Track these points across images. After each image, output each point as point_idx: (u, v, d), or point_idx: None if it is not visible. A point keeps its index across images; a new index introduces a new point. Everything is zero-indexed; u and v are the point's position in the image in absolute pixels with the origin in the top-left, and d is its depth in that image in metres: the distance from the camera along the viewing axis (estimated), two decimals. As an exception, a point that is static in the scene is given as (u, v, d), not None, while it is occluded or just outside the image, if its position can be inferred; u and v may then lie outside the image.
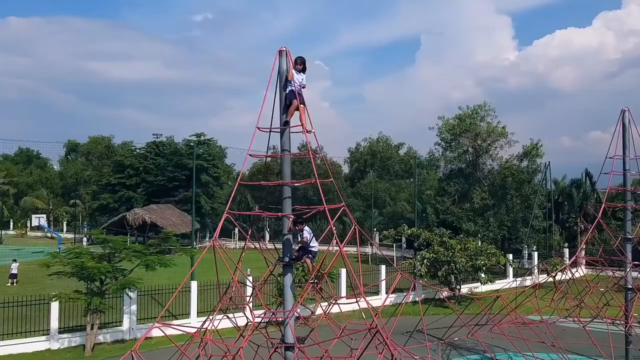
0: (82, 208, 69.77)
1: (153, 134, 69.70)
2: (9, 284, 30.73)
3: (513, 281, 30.86)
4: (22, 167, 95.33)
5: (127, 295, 19.82)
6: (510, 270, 32.57)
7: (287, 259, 9.39)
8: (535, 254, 36.58)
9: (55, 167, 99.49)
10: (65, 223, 72.24)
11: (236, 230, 61.77)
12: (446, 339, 14.41)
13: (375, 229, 56.03)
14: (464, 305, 23.75)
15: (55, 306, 19.70)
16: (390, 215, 58.26)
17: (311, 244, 9.75)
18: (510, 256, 32.96)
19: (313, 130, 9.45)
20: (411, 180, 68.93)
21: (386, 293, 26.71)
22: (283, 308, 9.24)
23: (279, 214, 9.40)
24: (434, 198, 41.83)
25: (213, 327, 9.19)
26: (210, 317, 9.22)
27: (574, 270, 21.74)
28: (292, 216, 9.34)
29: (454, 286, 27.21)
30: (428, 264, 26.22)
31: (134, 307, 21.28)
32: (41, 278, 27.89)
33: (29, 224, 70.27)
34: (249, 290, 15.58)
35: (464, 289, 28.07)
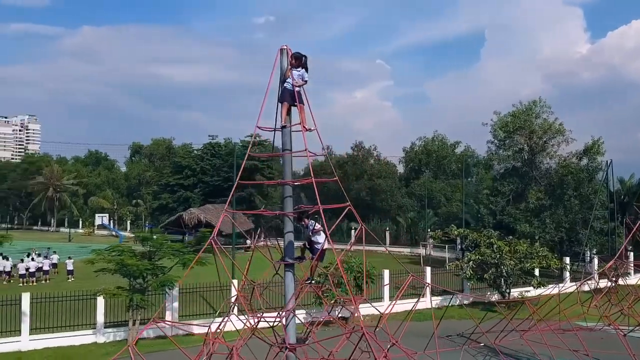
0: (143, 208, 72.41)
1: (209, 135, 71.45)
2: (68, 280, 32.31)
3: (571, 285, 29.36)
4: (91, 168, 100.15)
5: (167, 292, 20.31)
6: (567, 274, 31.00)
7: (288, 259, 9.23)
8: (596, 258, 34.65)
9: (121, 168, 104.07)
10: (129, 222, 75.31)
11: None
12: (470, 345, 13.83)
13: (429, 230, 54.96)
14: (514, 310, 22.77)
15: (101, 301, 20.47)
16: (446, 216, 56.97)
17: (318, 240, 9.54)
18: (568, 259, 31.39)
19: (313, 129, 9.28)
20: (468, 179, 67.23)
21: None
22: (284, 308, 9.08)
23: (277, 212, 9.25)
24: (487, 198, 40.46)
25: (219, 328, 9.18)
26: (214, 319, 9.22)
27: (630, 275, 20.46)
28: (292, 215, 9.17)
29: (503, 289, 26.22)
30: (474, 266, 25.34)
31: (175, 304, 21.80)
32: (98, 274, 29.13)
33: (95, 223, 73.70)
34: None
35: (515, 292, 26.98)
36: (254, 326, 9.38)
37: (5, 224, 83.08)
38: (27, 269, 31.20)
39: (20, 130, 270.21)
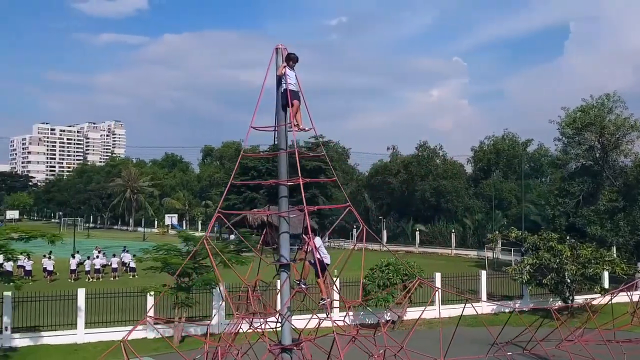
0: (213, 208, 74.68)
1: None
2: (131, 276, 33.80)
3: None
4: (167, 170, 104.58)
5: (210, 291, 20.71)
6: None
7: (283, 260, 9.04)
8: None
9: (195, 170, 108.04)
10: (200, 222, 77.92)
11: (354, 230, 62.14)
12: (498, 353, 13.01)
13: (497, 232, 52.89)
14: (580, 318, 21.30)
15: (150, 298, 21.17)
16: (515, 218, 54.60)
17: (326, 255, 9.35)
18: (642, 265, 29.14)
19: (309, 128, 9.13)
20: (541, 180, 64.12)
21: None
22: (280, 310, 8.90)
23: (270, 212, 9.08)
24: (555, 199, 38.29)
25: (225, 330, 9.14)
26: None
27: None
28: (286, 215, 8.99)
29: (566, 296, 24.65)
30: (531, 270, 23.98)
31: (222, 303, 22.16)
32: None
33: (166, 223, 76.90)
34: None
35: (580, 299, 25.29)
36: (252, 328, 9.27)
37: (89, 224, 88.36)
38: (92, 266, 32.98)
39: (107, 135, 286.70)
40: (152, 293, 20.57)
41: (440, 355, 10.29)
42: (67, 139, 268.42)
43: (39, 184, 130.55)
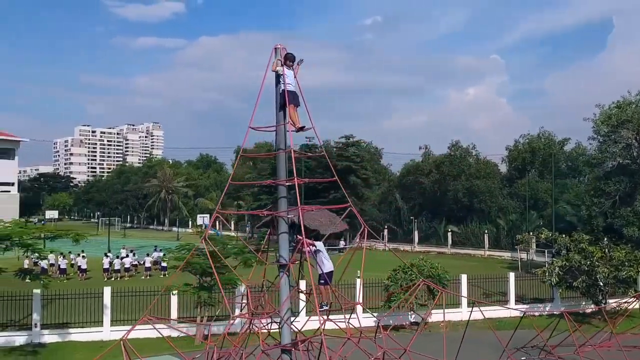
0: (245, 208, 75.34)
1: (306, 137, 72.48)
2: (162, 275, 34.38)
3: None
4: (201, 171, 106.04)
5: (232, 291, 20.83)
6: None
7: (282, 260, 8.97)
8: None
9: (229, 170, 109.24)
10: (233, 222, 78.72)
11: (386, 231, 61.70)
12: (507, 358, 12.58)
13: (528, 233, 51.64)
14: (611, 321, 20.54)
15: (175, 298, 21.45)
16: (551, 218, 53.20)
17: (324, 262, 9.20)
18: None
19: (307, 128, 9.05)
20: (579, 180, 62.25)
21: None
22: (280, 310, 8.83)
23: (265, 212, 9.02)
24: (590, 199, 37.07)
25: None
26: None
27: None
28: (284, 215, 8.92)
29: (599, 299, 23.83)
30: (561, 272, 23.25)
31: (244, 303, 22.24)
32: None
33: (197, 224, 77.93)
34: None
35: (614, 302, 24.42)
36: (248, 330, 9.23)
37: (126, 223, 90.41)
38: (122, 265, 33.65)
39: (145, 137, 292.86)
40: (174, 292, 20.84)
41: (444, 357, 10.03)
42: (107, 141, 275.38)
43: (79, 184, 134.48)
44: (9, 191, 70.94)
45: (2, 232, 17.38)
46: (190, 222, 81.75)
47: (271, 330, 9.74)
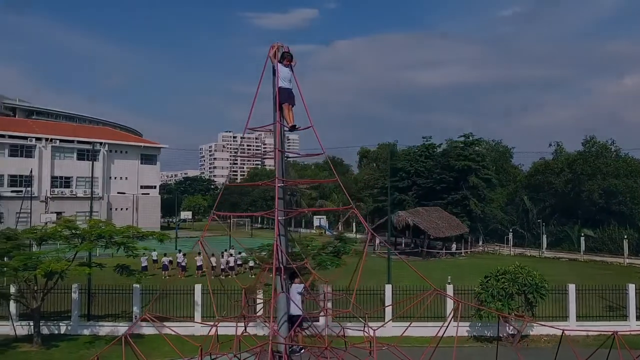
0: (365, 210, 75.29)
1: (422, 137, 70.65)
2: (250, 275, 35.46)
3: None
4: (327, 173, 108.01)
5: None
6: None
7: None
8: None
9: (355, 172, 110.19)
10: (354, 224, 79.13)
11: (510, 235, 57.81)
12: None
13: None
14: None
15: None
16: None
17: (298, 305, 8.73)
18: None
19: (299, 127, 8.58)
20: None
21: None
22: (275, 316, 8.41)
23: (263, 213, 8.59)
24: None
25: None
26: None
27: None
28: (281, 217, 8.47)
29: None
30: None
31: (329, 304, 22.00)
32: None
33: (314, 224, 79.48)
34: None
35: None
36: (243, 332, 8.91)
37: (255, 224, 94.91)
38: (227, 263, 35.13)
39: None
40: (259, 291, 21.18)
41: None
42: (247, 145, 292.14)
43: (218, 187, 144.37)
44: (148, 194, 77.94)
45: (99, 231, 18.94)
46: (313, 223, 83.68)
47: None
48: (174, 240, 41.61)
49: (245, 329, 9.30)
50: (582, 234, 52.37)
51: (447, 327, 8.66)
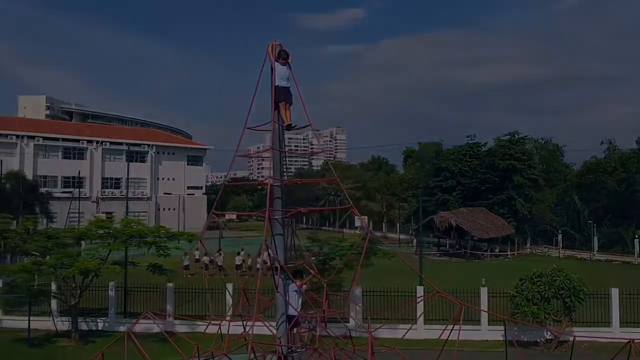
0: (408, 210, 74.37)
1: (467, 136, 69.15)
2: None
3: None
4: (372, 173, 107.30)
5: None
6: None
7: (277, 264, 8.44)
8: None
9: (401, 171, 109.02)
10: (398, 224, 78.33)
11: (559, 236, 55.70)
12: None
13: None
14: None
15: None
16: None
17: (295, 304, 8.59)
18: None
19: (301, 127, 8.49)
20: None
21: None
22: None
23: (257, 213, 8.52)
24: None
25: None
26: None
27: None
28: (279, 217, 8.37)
29: None
30: None
31: (359, 306, 21.79)
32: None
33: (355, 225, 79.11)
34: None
35: None
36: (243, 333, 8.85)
37: (300, 224, 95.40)
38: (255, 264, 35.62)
39: (329, 141, 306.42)
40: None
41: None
42: (295, 146, 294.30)
43: (265, 188, 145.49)
44: (194, 194, 79.58)
45: (131, 231, 19.40)
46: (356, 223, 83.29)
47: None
48: (217, 240, 42.27)
49: (245, 329, 9.26)
50: (637, 236, 49.94)
51: (452, 330, 8.35)
